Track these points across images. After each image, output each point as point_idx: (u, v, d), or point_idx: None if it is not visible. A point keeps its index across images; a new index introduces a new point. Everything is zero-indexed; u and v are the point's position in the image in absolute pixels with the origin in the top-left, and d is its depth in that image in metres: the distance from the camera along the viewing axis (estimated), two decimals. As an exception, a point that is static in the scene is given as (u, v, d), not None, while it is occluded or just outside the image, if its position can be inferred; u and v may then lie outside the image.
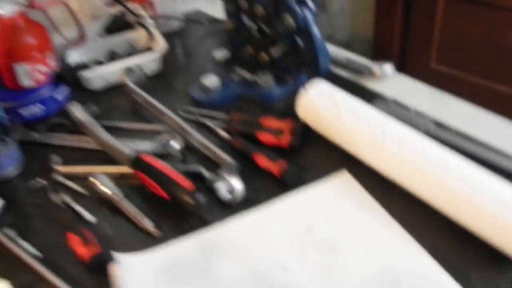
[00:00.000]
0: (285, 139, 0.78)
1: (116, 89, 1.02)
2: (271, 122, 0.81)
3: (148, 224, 0.67)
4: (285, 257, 0.61)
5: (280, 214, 0.68)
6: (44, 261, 0.64)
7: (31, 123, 0.94)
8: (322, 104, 0.77)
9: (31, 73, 0.93)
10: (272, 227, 0.66)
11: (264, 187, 0.73)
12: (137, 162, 0.73)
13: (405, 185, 0.67)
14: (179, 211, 0.69)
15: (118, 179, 0.75)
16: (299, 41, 0.87)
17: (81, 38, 1.04)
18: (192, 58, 1.14)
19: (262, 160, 0.75)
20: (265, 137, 0.79)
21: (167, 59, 1.08)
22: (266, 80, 0.91)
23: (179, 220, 0.69)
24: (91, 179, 0.74)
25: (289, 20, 0.83)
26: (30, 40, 0.92)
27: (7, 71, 0.93)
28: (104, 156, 0.81)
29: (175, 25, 1.25)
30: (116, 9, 1.16)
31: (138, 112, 0.95)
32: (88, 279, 0.62)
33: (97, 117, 0.90)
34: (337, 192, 0.70)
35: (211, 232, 0.66)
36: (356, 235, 0.63)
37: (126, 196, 0.73)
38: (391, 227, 0.63)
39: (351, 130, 0.73)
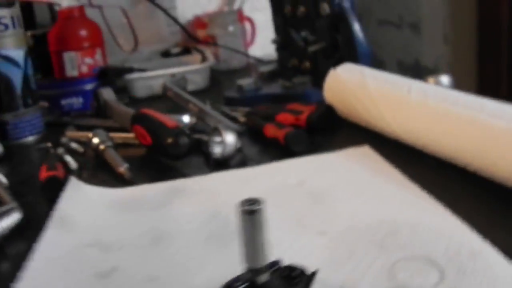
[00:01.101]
0: (304, 117, 0.69)
1: (157, 100, 1.00)
2: (295, 106, 0.73)
3: (123, 168, 0.60)
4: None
5: (273, 171, 0.57)
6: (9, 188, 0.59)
7: (68, 114, 0.94)
8: (348, 78, 0.68)
9: (77, 64, 0.96)
10: (259, 180, 0.55)
11: (268, 154, 0.63)
12: (136, 116, 0.68)
13: (434, 147, 0.54)
14: (162, 165, 0.61)
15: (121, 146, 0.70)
16: (339, 38, 0.81)
17: (135, 47, 1.06)
18: (236, 74, 1.11)
19: (270, 130, 0.66)
20: (283, 117, 0.71)
21: (214, 76, 1.07)
22: (303, 81, 0.84)
23: (161, 173, 0.61)
24: (89, 134, 0.70)
25: (326, 8, 0.78)
26: (83, 32, 0.96)
27: (56, 58, 0.96)
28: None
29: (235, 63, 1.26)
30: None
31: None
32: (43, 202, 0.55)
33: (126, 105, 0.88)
34: (351, 159, 0.58)
35: (187, 179, 0.57)
36: (359, 191, 0.50)
37: (115, 149, 0.67)
38: (411, 189, 0.48)
39: (375, 91, 0.62)
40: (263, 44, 1.34)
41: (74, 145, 0.74)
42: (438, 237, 0.40)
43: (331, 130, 0.70)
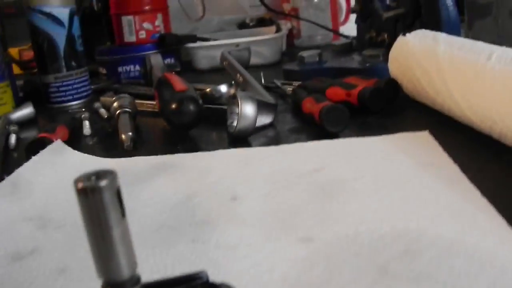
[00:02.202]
0: (355, 92, 0.55)
1: (218, 72, 0.90)
2: (352, 79, 0.59)
3: (125, 136, 0.51)
4: (249, 189, 0.37)
5: (289, 153, 0.44)
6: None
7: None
8: (417, 44, 0.53)
9: (136, 28, 0.89)
10: (264, 163, 0.42)
11: (301, 133, 0.51)
12: (158, 81, 0.59)
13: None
14: (177, 138, 0.52)
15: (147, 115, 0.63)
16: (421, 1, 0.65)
17: (202, 15, 0.98)
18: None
19: (307, 104, 0.53)
20: (333, 91, 0.57)
21: (292, 53, 0.95)
22: (374, 54, 0.70)
23: (170, 146, 0.51)
24: (113, 98, 0.63)
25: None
26: (144, -5, 0.90)
27: (116, 22, 0.91)
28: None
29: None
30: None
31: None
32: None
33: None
34: (398, 146, 0.43)
35: (183, 155, 0.46)
36: (390, 187, 0.36)
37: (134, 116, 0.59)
38: (470, 195, 0.33)
39: (444, 60, 0.47)
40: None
41: (101, 110, 0.67)
42: (483, 269, 0.25)
43: (390, 111, 0.55)
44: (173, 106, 0.48)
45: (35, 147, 0.47)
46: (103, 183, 0.17)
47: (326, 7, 1.13)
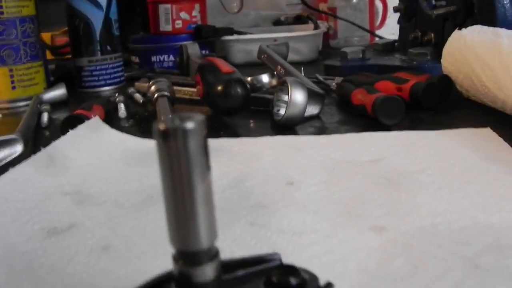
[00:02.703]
0: (408, 87, 0.52)
1: (254, 66, 0.87)
2: (402, 74, 0.56)
3: (164, 121, 0.48)
4: (305, 174, 0.34)
5: (343, 143, 0.41)
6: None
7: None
8: (476, 39, 0.50)
9: (172, 18, 0.87)
10: (317, 151, 0.40)
11: (351, 125, 0.48)
12: (200, 65, 0.56)
13: None
14: (217, 125, 0.49)
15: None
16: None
17: (239, 9, 0.96)
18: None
19: (358, 95, 0.50)
20: (383, 85, 0.54)
21: (327, 53, 0.92)
22: (422, 52, 0.67)
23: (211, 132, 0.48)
24: (150, 82, 0.60)
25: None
26: (183, -16, 0.88)
27: (152, 10, 0.89)
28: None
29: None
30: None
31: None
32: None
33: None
34: (461, 140, 0.40)
35: (229, 139, 0.44)
36: (460, 180, 0.32)
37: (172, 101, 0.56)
38: None
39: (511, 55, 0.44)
40: (396, 28, 1.16)
41: (136, 95, 0.65)
42: None
43: (443, 107, 0.52)
44: (220, 88, 0.45)
45: (72, 122, 0.45)
46: (191, 125, 0.14)
47: (365, 8, 1.10)
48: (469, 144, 0.39)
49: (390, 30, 1.19)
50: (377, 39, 1.03)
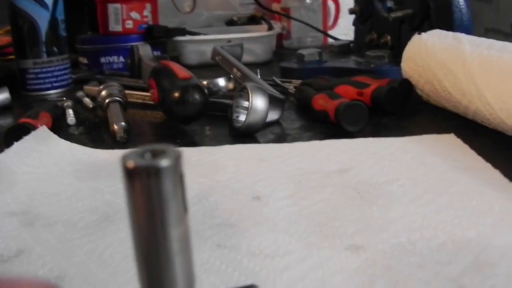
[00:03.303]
0: (369, 91, 0.51)
1: (208, 68, 0.85)
2: (362, 78, 0.56)
3: (118, 126, 0.46)
4: (272, 188, 0.33)
5: (307, 151, 0.40)
6: None
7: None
8: (437, 43, 0.50)
9: (122, 17, 0.84)
10: (281, 160, 0.38)
11: (312, 131, 0.47)
12: (154, 69, 0.53)
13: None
14: (173, 132, 0.47)
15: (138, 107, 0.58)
16: (431, 3, 0.62)
17: (192, 8, 0.93)
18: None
19: (319, 101, 0.49)
20: (343, 89, 0.53)
21: (281, 54, 0.91)
22: (379, 55, 0.66)
23: (166, 139, 0.46)
24: (100, 87, 0.57)
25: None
26: (132, -17, 0.84)
27: (101, 9, 0.85)
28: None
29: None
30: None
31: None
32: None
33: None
34: (427, 147, 0.39)
35: (187, 148, 0.42)
36: (432, 191, 0.32)
37: (125, 106, 0.53)
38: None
39: (473, 60, 0.43)
40: (348, 29, 1.16)
41: (86, 99, 0.61)
42: None
43: (405, 112, 0.51)
44: (177, 94, 0.43)
45: (17, 132, 0.41)
46: (165, 162, 0.12)
47: (318, 8, 1.10)
48: (436, 151, 0.38)
49: (342, 30, 1.19)
50: (331, 40, 1.03)
